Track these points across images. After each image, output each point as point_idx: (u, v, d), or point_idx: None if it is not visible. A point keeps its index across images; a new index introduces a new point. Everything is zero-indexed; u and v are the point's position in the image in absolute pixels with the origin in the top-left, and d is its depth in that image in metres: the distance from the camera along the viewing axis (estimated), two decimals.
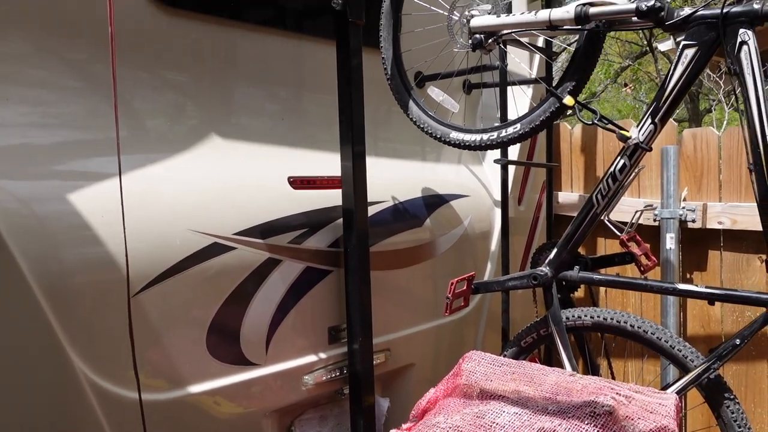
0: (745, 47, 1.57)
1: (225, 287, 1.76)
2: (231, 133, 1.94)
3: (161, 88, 1.81)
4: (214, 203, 1.78)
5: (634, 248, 2.00)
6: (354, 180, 1.93)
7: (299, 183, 1.99)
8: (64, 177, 1.56)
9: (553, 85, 1.91)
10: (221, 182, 1.84)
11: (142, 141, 1.73)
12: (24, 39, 1.54)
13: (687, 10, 1.66)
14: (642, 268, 1.99)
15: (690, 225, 2.66)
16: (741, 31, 1.57)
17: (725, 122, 8.67)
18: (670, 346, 1.77)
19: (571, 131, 3.25)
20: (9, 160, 1.47)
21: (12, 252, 1.40)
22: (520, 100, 2.84)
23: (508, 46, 2.47)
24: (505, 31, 1.90)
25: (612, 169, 1.80)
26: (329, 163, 2.03)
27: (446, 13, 2.05)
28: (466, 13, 1.99)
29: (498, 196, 2.74)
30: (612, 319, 1.85)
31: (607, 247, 3.09)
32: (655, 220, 2.71)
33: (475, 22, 1.93)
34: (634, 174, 1.81)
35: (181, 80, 1.86)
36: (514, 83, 2.76)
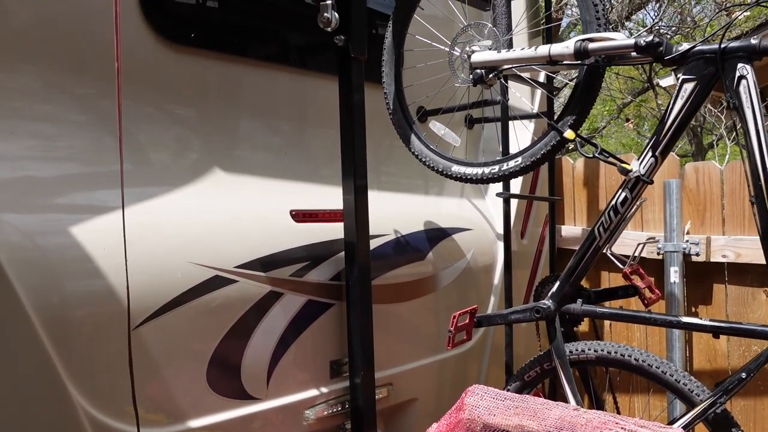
0: (743, 81, 1.58)
1: (226, 320, 1.75)
2: (234, 167, 1.96)
3: (166, 123, 1.83)
4: (216, 236, 1.79)
5: (638, 281, 1.99)
6: (356, 213, 1.94)
7: (301, 216, 2.00)
8: (66, 210, 1.57)
9: (554, 119, 1.92)
10: (223, 215, 1.85)
11: (145, 174, 1.74)
12: (33, 74, 1.57)
13: (685, 45, 1.68)
14: (646, 302, 1.98)
15: (694, 258, 2.65)
16: (739, 65, 1.59)
17: (727, 156, 8.69)
18: (676, 380, 1.75)
19: (573, 165, 3.26)
20: (12, 192, 1.48)
21: (12, 284, 1.40)
22: (521, 134, 2.86)
23: (509, 81, 2.49)
24: (506, 66, 1.92)
25: (614, 202, 1.80)
26: (331, 197, 2.04)
27: (447, 49, 2.08)
28: (467, 48, 2.01)
29: (500, 230, 2.74)
30: (616, 352, 1.84)
31: (611, 280, 3.07)
32: (658, 254, 2.71)
33: (475, 58, 1.96)
34: (635, 207, 1.81)
35: (186, 115, 1.89)
36: (515, 117, 2.78)
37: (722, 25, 1.67)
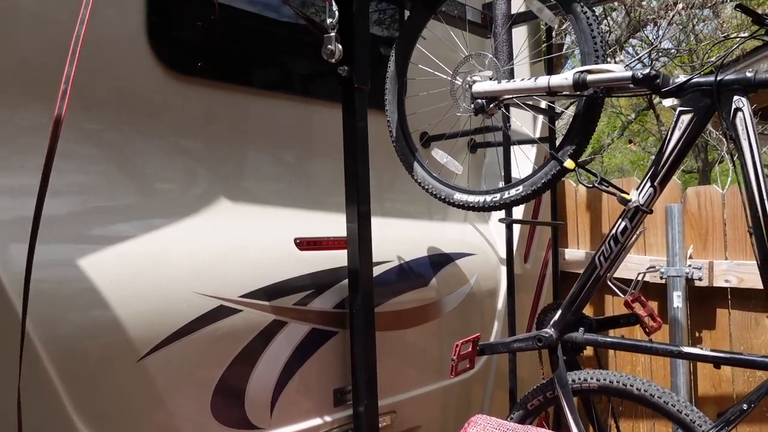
0: (740, 114, 1.60)
1: (230, 350, 1.77)
2: (239, 196, 1.99)
3: (173, 154, 1.86)
4: (221, 265, 1.81)
5: (639, 309, 2.00)
6: (359, 240, 1.96)
7: (305, 244, 2.02)
8: (74, 242, 1.59)
9: (555, 146, 1.94)
10: (229, 244, 1.87)
11: (152, 206, 1.77)
12: (44, 109, 1.60)
13: (682, 77, 1.70)
14: (647, 330, 1.99)
15: (697, 283, 2.65)
16: (735, 98, 1.60)
17: (730, 174, 8.69)
18: (677, 410, 1.75)
19: (576, 189, 3.28)
20: (21, 225, 1.51)
21: (20, 315, 1.42)
22: (525, 158, 2.88)
23: (511, 108, 2.52)
24: (506, 97, 1.95)
25: (614, 231, 1.82)
26: (335, 224, 2.06)
27: (449, 78, 2.11)
28: (468, 78, 2.04)
29: (504, 254, 2.75)
30: (618, 382, 1.84)
31: (614, 304, 3.08)
32: (661, 278, 2.71)
33: (476, 88, 1.98)
34: (635, 236, 1.82)
35: (193, 145, 1.92)
36: (517, 143, 2.81)
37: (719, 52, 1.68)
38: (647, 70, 1.67)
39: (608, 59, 1.87)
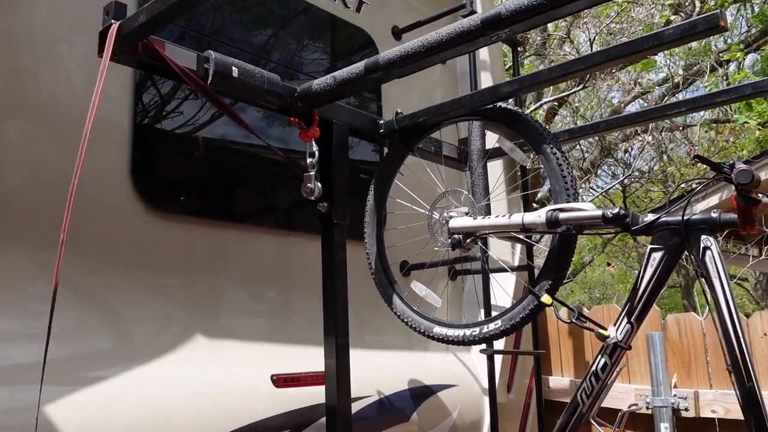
0: (708, 252, 1.64)
1: None
2: (216, 333, 1.97)
3: (152, 294, 1.86)
4: (195, 407, 1.76)
5: None
6: (337, 375, 1.91)
7: (282, 381, 1.98)
8: (46, 384, 1.55)
9: (533, 277, 1.96)
10: (203, 385, 1.83)
11: (126, 347, 1.74)
12: (23, 255, 1.61)
13: (651, 216, 1.76)
14: None
15: (683, 413, 2.60)
16: (703, 237, 1.65)
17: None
18: None
19: (557, 314, 3.28)
20: None
21: None
22: (504, 283, 2.89)
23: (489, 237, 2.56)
24: (482, 232, 1.99)
25: (594, 368, 1.80)
26: (315, 358, 2.03)
27: (427, 213, 2.15)
28: (445, 214, 2.09)
29: (487, 384, 2.70)
30: None
31: None
32: (647, 408, 2.66)
33: (453, 224, 2.03)
34: (616, 372, 1.80)
35: (171, 282, 1.92)
36: (495, 271, 2.83)
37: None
38: (616, 210, 1.73)
39: (582, 186, 1.93)
